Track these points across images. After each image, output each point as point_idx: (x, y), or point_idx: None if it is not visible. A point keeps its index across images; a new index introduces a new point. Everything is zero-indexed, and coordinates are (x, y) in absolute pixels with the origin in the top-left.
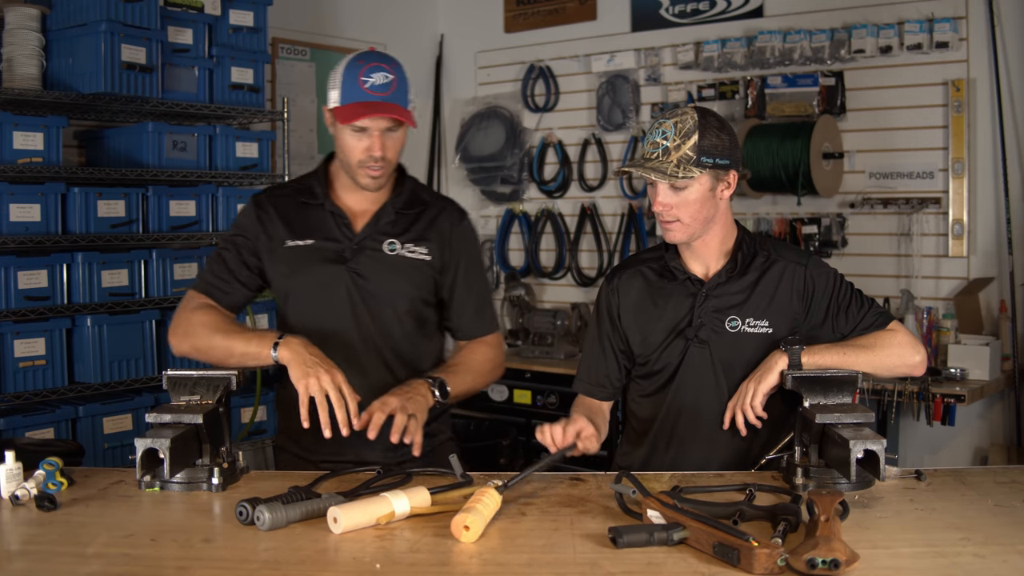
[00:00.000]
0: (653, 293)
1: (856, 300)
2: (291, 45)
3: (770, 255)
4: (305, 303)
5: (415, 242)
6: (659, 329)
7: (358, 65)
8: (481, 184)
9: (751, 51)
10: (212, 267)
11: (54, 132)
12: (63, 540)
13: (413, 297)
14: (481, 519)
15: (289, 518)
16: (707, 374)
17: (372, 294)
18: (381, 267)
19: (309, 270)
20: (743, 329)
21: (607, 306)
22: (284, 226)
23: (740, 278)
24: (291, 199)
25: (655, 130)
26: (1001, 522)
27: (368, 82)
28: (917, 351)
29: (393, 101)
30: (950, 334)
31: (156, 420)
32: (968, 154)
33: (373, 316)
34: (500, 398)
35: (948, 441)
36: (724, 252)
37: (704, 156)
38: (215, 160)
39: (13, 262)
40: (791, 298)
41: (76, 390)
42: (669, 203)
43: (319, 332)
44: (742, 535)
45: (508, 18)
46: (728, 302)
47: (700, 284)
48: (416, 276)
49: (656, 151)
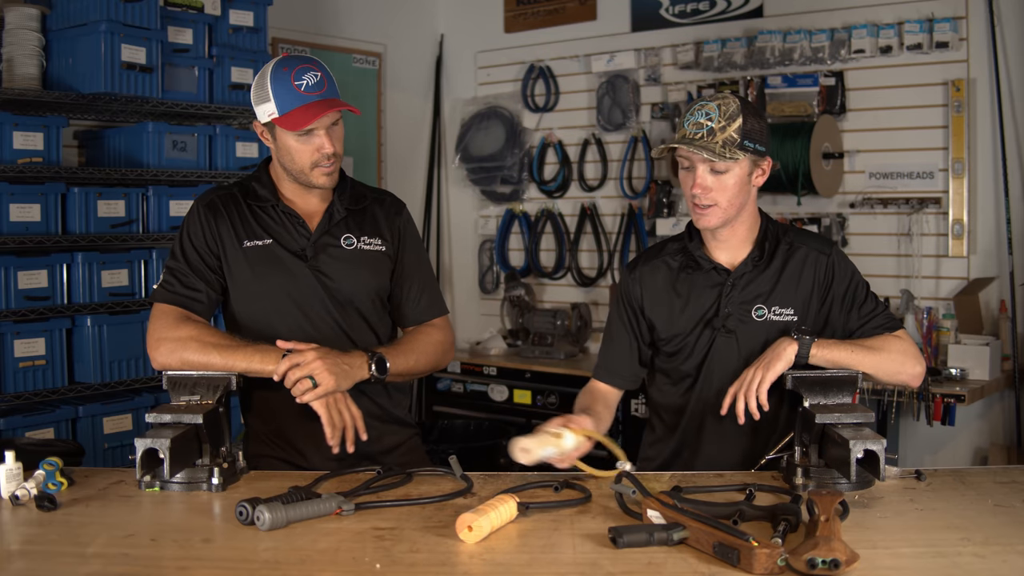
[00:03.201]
0: (677, 284)
1: (870, 299)
2: (291, 45)
3: (793, 242)
4: (269, 301)
5: (368, 235)
6: (685, 319)
7: (284, 72)
8: (481, 184)
9: (751, 51)
10: (176, 277)
11: (54, 132)
12: (63, 540)
13: (376, 288)
14: (488, 523)
15: (289, 518)
16: (734, 363)
17: (337, 289)
18: (341, 263)
19: (273, 269)
20: (769, 317)
21: (629, 296)
22: (239, 227)
23: (766, 267)
24: (238, 201)
25: (697, 111)
26: (1001, 522)
27: (302, 84)
28: (919, 362)
29: (330, 96)
30: (950, 334)
31: (156, 420)
32: (968, 154)
33: (340, 310)
34: (500, 398)
35: (948, 441)
36: (750, 241)
37: (747, 140)
38: (215, 160)
39: (13, 262)
40: (813, 285)
41: (76, 390)
42: (709, 186)
43: (280, 330)
44: (742, 535)
45: (508, 18)
46: (755, 291)
47: (727, 274)
48: (376, 267)
49: (701, 131)
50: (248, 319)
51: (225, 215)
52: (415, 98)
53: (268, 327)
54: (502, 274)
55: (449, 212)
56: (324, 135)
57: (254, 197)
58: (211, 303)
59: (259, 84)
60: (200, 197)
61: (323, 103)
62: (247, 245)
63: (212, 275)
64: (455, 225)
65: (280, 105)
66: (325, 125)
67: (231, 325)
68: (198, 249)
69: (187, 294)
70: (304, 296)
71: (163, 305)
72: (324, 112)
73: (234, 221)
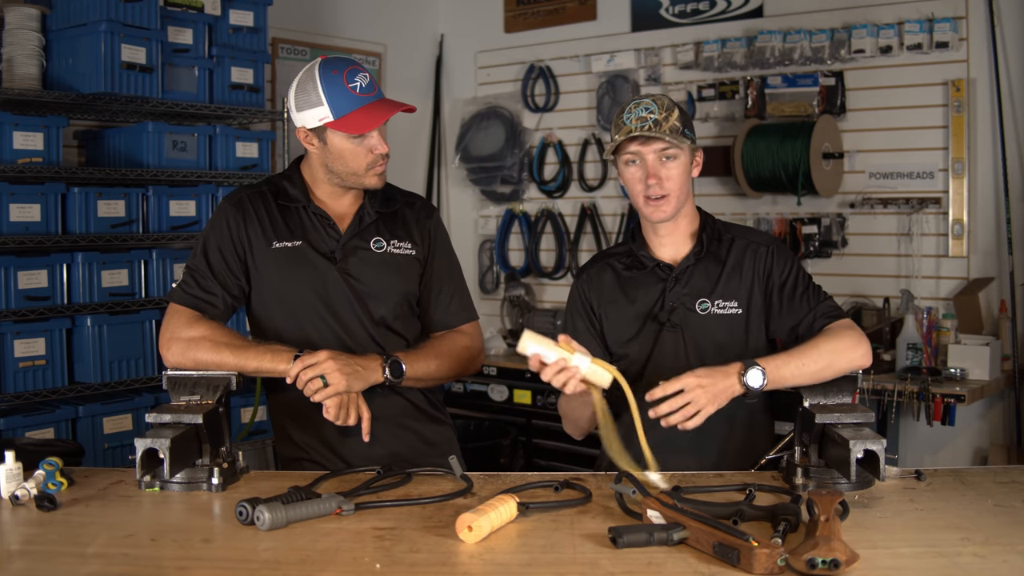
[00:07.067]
0: (623, 285)
1: (812, 290)
2: (291, 45)
3: (735, 237)
4: (297, 303)
5: (399, 239)
6: (631, 318)
7: (335, 75)
8: (481, 184)
9: (751, 51)
10: (194, 278)
11: (54, 132)
12: (63, 540)
13: (405, 292)
14: (488, 523)
15: (289, 518)
16: (680, 358)
17: (366, 292)
18: (371, 266)
19: (302, 271)
20: (713, 311)
21: (583, 299)
22: (268, 228)
23: (707, 260)
24: (268, 200)
25: (635, 108)
26: (1001, 522)
27: (356, 86)
28: (861, 345)
29: (381, 96)
30: (950, 334)
31: (156, 420)
32: (968, 154)
33: (367, 314)
34: (500, 398)
35: (948, 441)
36: (691, 235)
37: (687, 129)
38: (215, 160)
39: (13, 262)
40: (753, 276)
41: (76, 390)
42: (662, 175)
43: (309, 332)
44: (742, 535)
45: (508, 18)
46: (698, 285)
47: (669, 270)
48: (406, 271)
49: (646, 123)
50: (275, 321)
51: (254, 215)
52: (415, 98)
53: (296, 329)
54: (502, 274)
55: (449, 212)
56: (377, 135)
57: (285, 197)
58: (227, 308)
59: (304, 88)
60: (228, 196)
61: (382, 104)
62: (276, 246)
63: (232, 279)
64: (455, 225)
65: (335, 108)
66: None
67: (255, 326)
68: (222, 251)
69: (204, 297)
70: (332, 299)
71: (177, 306)
72: (388, 114)
73: (263, 222)
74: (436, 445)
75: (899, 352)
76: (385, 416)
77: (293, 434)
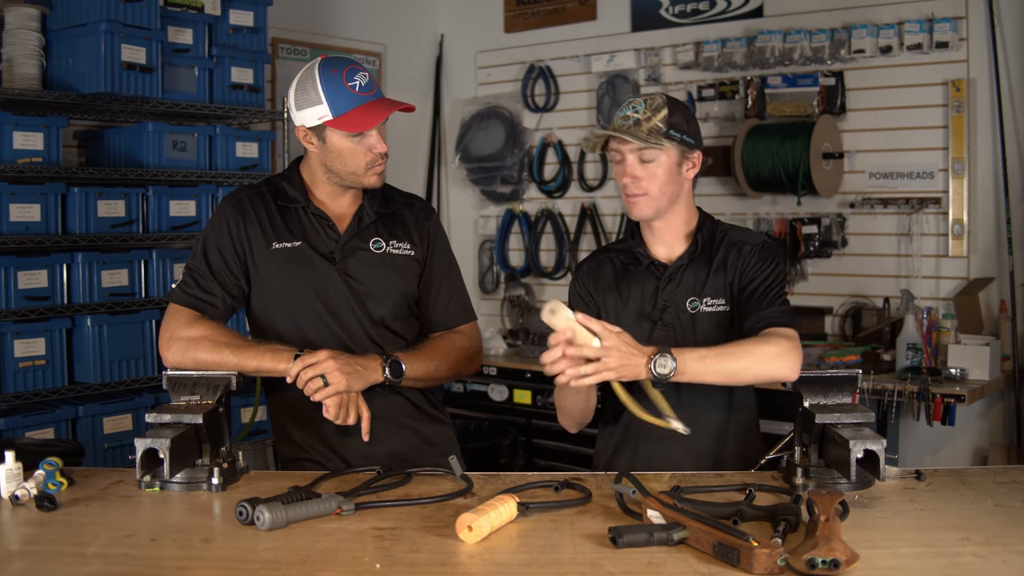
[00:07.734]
0: (619, 280)
1: (772, 296)
2: (291, 45)
3: (727, 235)
4: (296, 304)
5: (398, 239)
6: (628, 314)
7: (334, 74)
8: (481, 184)
9: (751, 51)
10: (194, 279)
11: (54, 132)
12: (63, 540)
13: (404, 292)
14: (488, 523)
15: (289, 518)
16: None
17: (365, 293)
18: (370, 266)
19: (302, 271)
20: (701, 309)
21: (584, 287)
22: (268, 228)
23: (701, 260)
24: (267, 201)
25: (626, 107)
26: (1001, 522)
27: (355, 85)
28: (789, 358)
29: (380, 95)
30: (950, 334)
31: (156, 420)
32: (968, 154)
33: (366, 314)
34: (500, 398)
35: (948, 441)
36: (686, 235)
37: (672, 130)
38: (215, 160)
39: (13, 262)
40: (735, 273)
41: (76, 390)
42: (638, 175)
43: (307, 332)
44: (742, 535)
45: (508, 18)
46: (689, 284)
47: (663, 268)
48: (405, 272)
49: (627, 122)
50: (274, 321)
51: (254, 216)
52: (415, 98)
53: (296, 329)
54: (502, 274)
55: (449, 212)
56: (376, 134)
57: (284, 198)
58: (227, 308)
59: (303, 87)
60: (228, 196)
61: (381, 103)
62: (276, 247)
63: (232, 280)
64: (455, 225)
65: (334, 107)
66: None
67: (254, 326)
68: (222, 251)
69: (203, 297)
70: (331, 299)
71: (177, 306)
72: (387, 113)
73: (263, 222)
74: (436, 445)
75: (899, 352)
76: (385, 416)
77: (293, 434)
